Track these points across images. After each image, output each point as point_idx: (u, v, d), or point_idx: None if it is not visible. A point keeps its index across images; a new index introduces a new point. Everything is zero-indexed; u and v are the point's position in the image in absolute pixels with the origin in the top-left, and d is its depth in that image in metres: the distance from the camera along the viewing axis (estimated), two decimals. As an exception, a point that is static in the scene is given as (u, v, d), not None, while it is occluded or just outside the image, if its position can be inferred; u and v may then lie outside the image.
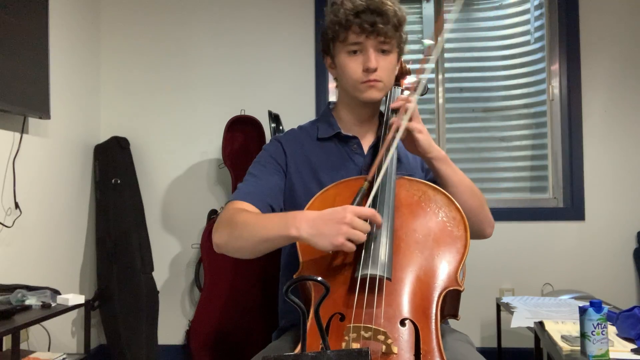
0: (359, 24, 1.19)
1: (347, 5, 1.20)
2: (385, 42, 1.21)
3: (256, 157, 1.34)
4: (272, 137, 1.40)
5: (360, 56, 1.22)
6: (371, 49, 1.21)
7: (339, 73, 1.29)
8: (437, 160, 1.19)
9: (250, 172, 1.29)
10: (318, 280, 0.73)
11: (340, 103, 1.36)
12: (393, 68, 1.27)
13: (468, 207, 1.18)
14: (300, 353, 0.72)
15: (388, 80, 1.26)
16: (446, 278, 1.03)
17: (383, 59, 1.22)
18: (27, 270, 2.31)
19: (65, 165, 2.66)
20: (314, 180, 1.28)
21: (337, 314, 0.99)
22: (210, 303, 2.67)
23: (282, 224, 1.04)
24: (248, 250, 1.13)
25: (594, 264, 2.82)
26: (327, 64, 1.34)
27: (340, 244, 0.97)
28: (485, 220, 1.25)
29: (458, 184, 1.20)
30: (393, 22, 1.20)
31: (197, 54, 3.05)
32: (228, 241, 1.14)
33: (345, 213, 0.98)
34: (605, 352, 1.32)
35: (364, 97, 1.25)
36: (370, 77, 1.21)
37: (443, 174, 1.20)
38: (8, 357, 1.94)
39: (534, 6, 3.06)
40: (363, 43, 1.21)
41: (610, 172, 2.85)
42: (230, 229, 1.13)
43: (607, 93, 2.87)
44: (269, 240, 1.07)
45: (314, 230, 0.99)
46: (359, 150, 1.31)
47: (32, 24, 2.25)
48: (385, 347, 0.91)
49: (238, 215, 1.14)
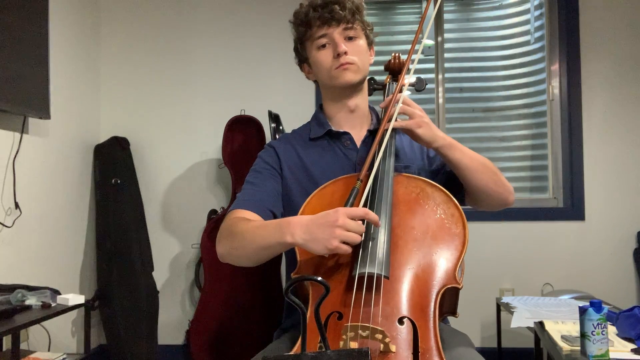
0: (319, 17, 1.25)
1: (304, 7, 1.29)
2: (349, 28, 1.26)
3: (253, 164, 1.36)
4: (266, 144, 1.41)
5: (330, 47, 1.27)
6: (337, 36, 1.25)
7: (315, 71, 1.32)
8: (444, 147, 1.19)
9: (247, 180, 1.31)
10: (318, 281, 0.73)
11: (325, 101, 1.38)
12: (364, 51, 1.29)
13: (485, 183, 1.21)
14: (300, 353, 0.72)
15: (361, 63, 1.28)
16: (444, 275, 1.03)
17: (352, 44, 1.27)
18: (27, 270, 2.31)
19: (65, 165, 2.66)
20: (309, 181, 1.28)
21: (335, 312, 0.99)
22: (210, 303, 2.67)
23: (278, 231, 1.04)
24: (249, 259, 1.15)
25: (594, 264, 2.82)
26: (305, 73, 1.38)
27: (335, 247, 0.96)
28: (504, 190, 1.25)
29: (470, 165, 1.20)
30: (350, 8, 1.25)
31: (197, 54, 3.05)
32: (230, 251, 1.15)
33: (337, 216, 0.97)
34: (605, 352, 1.32)
35: (340, 81, 1.26)
36: (341, 61, 1.24)
37: (452, 159, 1.20)
38: (8, 357, 1.94)
39: (534, 6, 3.06)
40: (328, 34, 1.26)
41: (610, 172, 2.85)
42: (231, 239, 1.15)
43: (607, 93, 2.87)
44: (267, 248, 1.08)
45: (308, 236, 0.99)
46: (351, 146, 1.32)
47: (32, 24, 2.25)
48: (383, 345, 0.91)
49: (237, 225, 1.16)
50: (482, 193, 1.23)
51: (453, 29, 3.15)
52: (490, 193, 1.22)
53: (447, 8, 3.11)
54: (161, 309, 2.86)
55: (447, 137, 1.20)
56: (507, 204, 1.28)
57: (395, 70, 1.39)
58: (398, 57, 1.38)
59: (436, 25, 3.08)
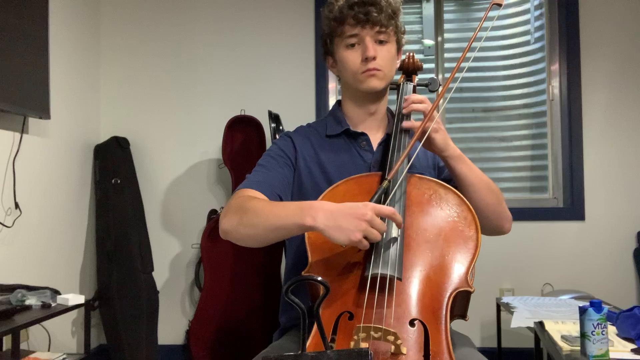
0: (353, 16, 1.21)
1: (341, 1, 1.23)
2: (382, 32, 1.23)
3: (266, 150, 1.33)
4: (283, 133, 1.39)
5: (359, 48, 1.23)
6: (368, 38, 1.22)
7: (339, 69, 1.29)
8: (453, 158, 1.19)
9: (259, 163, 1.28)
10: (318, 281, 0.73)
11: (345, 100, 1.36)
12: (392, 58, 1.27)
13: (485, 204, 1.19)
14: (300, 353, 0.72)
15: (388, 70, 1.26)
16: (457, 278, 1.02)
17: (381, 49, 1.23)
18: (27, 270, 2.31)
19: (65, 165, 2.66)
20: (322, 177, 1.27)
21: (346, 312, 0.98)
22: (210, 303, 2.67)
23: (298, 213, 1.01)
24: (257, 238, 1.10)
25: (594, 264, 2.82)
26: (328, 64, 1.35)
27: (358, 240, 0.95)
28: (503, 216, 1.24)
29: (475, 182, 1.19)
30: (387, 11, 1.22)
31: (197, 54, 3.05)
32: (237, 227, 1.10)
33: (366, 210, 0.96)
34: (605, 352, 1.32)
35: (365, 87, 1.25)
36: (369, 66, 1.22)
37: (459, 172, 1.19)
38: (8, 357, 1.94)
39: (534, 6, 3.06)
40: (360, 34, 1.22)
41: (610, 172, 2.85)
42: (241, 215, 1.10)
43: (607, 93, 2.87)
44: (282, 229, 1.04)
45: (332, 223, 0.96)
46: (367, 147, 1.30)
47: (32, 24, 2.25)
48: (395, 347, 0.90)
49: (250, 202, 1.11)
50: (480, 213, 1.19)
51: (453, 29, 3.15)
52: (489, 215, 1.20)
53: (447, 8, 3.11)
54: (161, 309, 2.86)
55: (457, 148, 1.20)
56: (502, 232, 1.27)
57: (409, 70, 1.37)
58: (412, 57, 1.37)
59: (436, 25, 3.09)
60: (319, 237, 1.05)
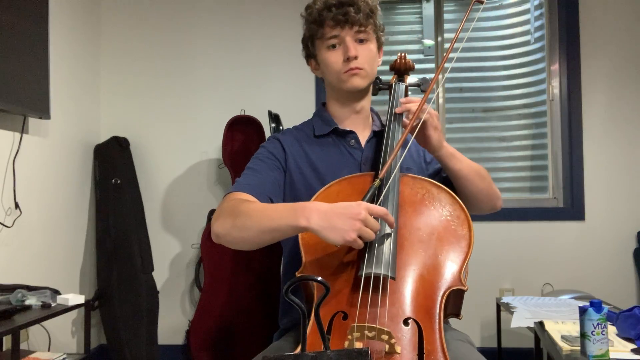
0: (332, 17, 1.24)
1: (318, 4, 1.26)
2: (361, 31, 1.26)
3: (254, 153, 1.34)
4: (271, 136, 1.40)
5: (340, 49, 1.26)
6: (348, 38, 1.25)
7: (322, 70, 1.32)
8: (446, 156, 1.22)
9: (249, 167, 1.29)
10: (318, 280, 0.73)
11: (330, 100, 1.37)
12: (374, 56, 1.29)
13: (479, 190, 1.25)
14: (300, 353, 0.72)
15: (370, 68, 1.28)
16: (450, 277, 1.03)
17: (362, 48, 1.26)
18: (27, 270, 2.31)
19: (65, 165, 2.66)
20: (314, 177, 1.28)
21: (340, 312, 0.99)
22: (210, 303, 2.67)
23: (291, 214, 1.01)
24: (251, 241, 1.09)
25: (594, 264, 2.82)
26: (312, 67, 1.37)
27: (353, 239, 0.95)
28: (494, 197, 1.31)
29: (468, 174, 1.24)
30: (365, 10, 1.25)
31: (197, 54, 3.05)
32: (230, 230, 1.09)
33: (360, 209, 0.96)
34: (605, 352, 1.32)
35: (348, 86, 1.27)
36: (351, 66, 1.24)
37: (452, 169, 1.23)
38: (8, 357, 1.94)
39: (534, 6, 3.06)
40: (340, 35, 1.25)
41: (610, 172, 2.85)
42: (234, 218, 1.09)
43: (607, 93, 2.87)
44: (275, 231, 1.04)
45: (326, 223, 0.97)
46: (356, 145, 1.32)
47: (32, 24, 2.25)
48: (389, 346, 0.91)
49: (242, 205, 1.11)
50: (475, 199, 1.27)
51: (453, 29, 3.15)
52: (483, 199, 1.27)
53: (447, 8, 3.11)
54: (161, 309, 2.86)
55: (449, 146, 1.24)
56: (495, 209, 1.33)
57: (401, 70, 1.38)
58: (404, 57, 1.38)
59: (436, 25, 3.09)
60: (312, 237, 1.06)
